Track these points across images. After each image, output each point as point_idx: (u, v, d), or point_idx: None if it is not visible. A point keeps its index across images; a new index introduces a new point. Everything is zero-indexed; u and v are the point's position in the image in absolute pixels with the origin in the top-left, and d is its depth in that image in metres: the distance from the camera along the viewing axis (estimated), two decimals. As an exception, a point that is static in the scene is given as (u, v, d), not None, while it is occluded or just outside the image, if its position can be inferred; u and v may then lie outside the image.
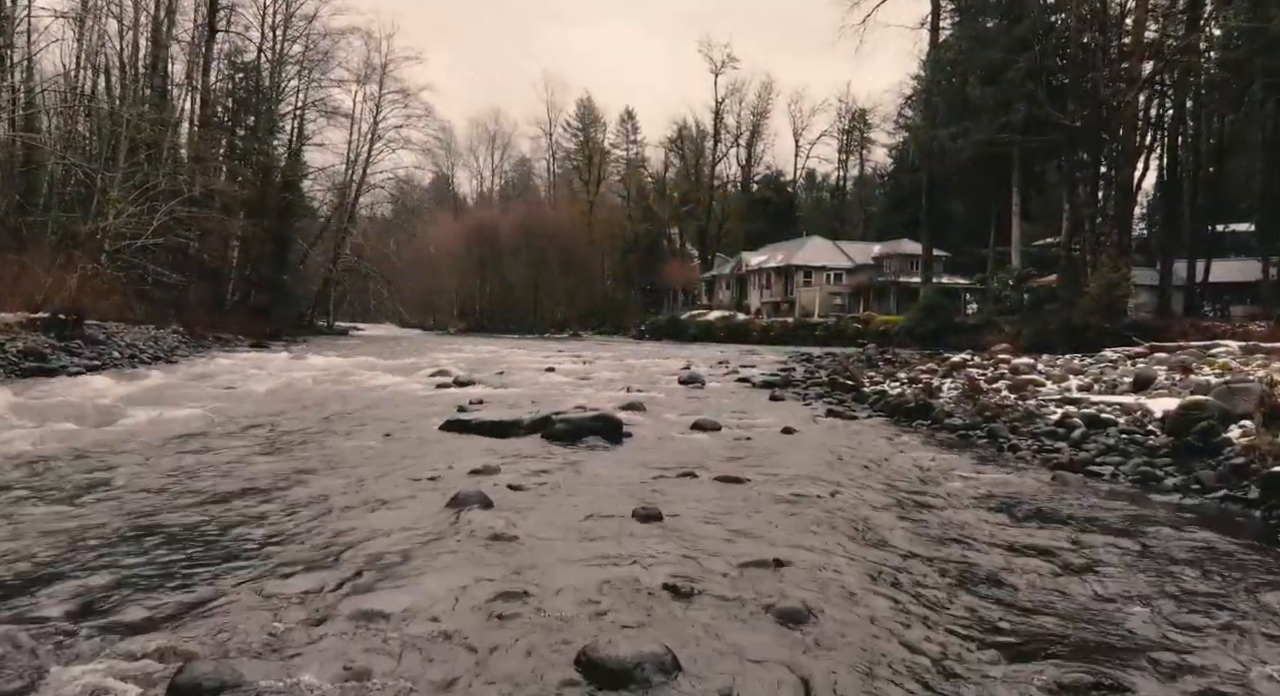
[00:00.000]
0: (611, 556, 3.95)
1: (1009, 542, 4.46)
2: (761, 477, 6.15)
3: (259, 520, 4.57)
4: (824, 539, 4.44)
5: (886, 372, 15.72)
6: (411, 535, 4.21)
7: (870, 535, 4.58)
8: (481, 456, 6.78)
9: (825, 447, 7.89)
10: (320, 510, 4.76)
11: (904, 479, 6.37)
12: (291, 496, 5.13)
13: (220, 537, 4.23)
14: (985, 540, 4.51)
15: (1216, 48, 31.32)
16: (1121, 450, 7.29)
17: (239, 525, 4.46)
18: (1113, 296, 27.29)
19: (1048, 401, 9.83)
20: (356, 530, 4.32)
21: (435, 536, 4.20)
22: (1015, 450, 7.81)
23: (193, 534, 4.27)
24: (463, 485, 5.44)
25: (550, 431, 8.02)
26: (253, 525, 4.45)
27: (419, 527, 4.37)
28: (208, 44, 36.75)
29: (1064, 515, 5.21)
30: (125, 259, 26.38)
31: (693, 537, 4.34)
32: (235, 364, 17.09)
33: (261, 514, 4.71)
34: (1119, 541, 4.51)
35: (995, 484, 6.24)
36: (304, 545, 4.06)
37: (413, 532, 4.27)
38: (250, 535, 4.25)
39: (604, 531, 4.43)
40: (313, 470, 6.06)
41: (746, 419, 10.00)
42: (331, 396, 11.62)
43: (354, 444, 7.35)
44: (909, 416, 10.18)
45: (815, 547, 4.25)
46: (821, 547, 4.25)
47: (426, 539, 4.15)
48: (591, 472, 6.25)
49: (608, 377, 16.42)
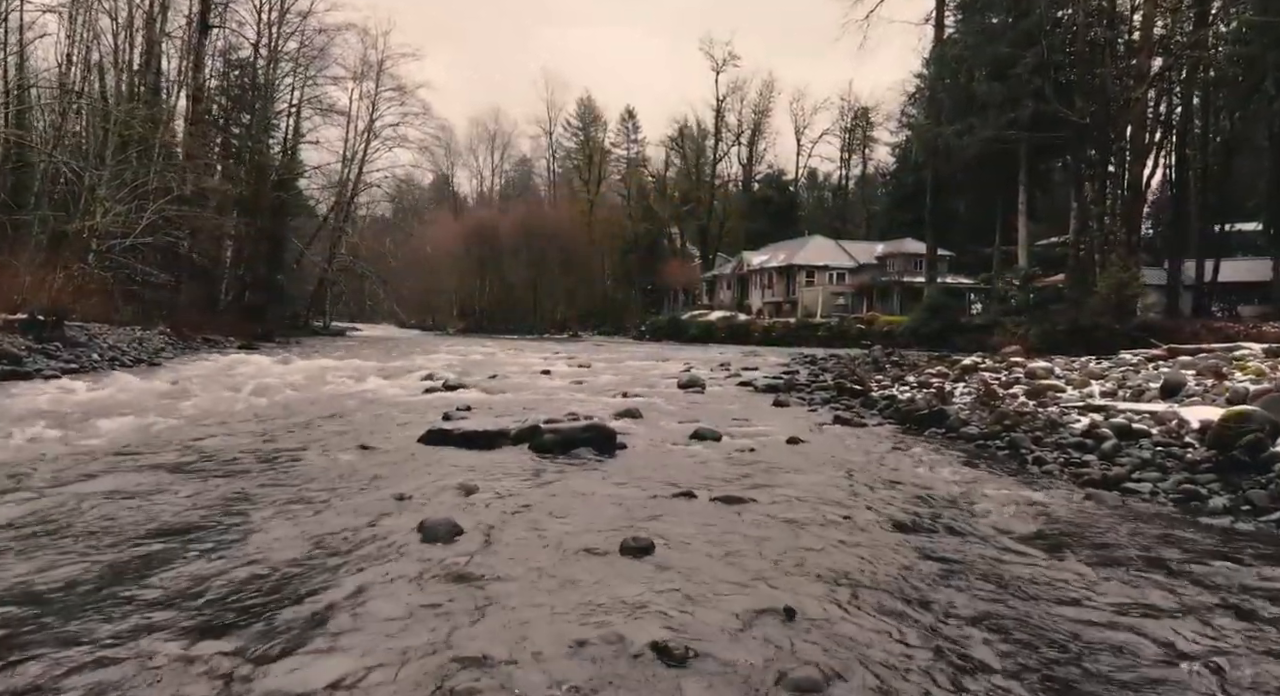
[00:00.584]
0: (594, 604, 3.36)
1: (1054, 582, 3.87)
2: (766, 497, 5.56)
3: (171, 564, 3.77)
4: (839, 577, 3.86)
5: (894, 376, 15.13)
6: (361, 578, 3.62)
7: (892, 573, 3.99)
8: (460, 473, 6.20)
9: (834, 460, 7.30)
10: (256, 548, 4.08)
11: (924, 498, 5.78)
12: (225, 530, 4.41)
13: (113, 588, 3.42)
14: (1026, 579, 3.93)
15: (1227, 43, 30.67)
16: (1158, 465, 6.69)
17: (143, 572, 3.65)
18: (1122, 296, 26.72)
19: (1070, 409, 9.23)
20: (295, 574, 3.70)
21: (389, 580, 3.61)
22: (1040, 463, 7.21)
23: (76, 585, 3.46)
24: (433, 510, 4.86)
25: (538, 443, 7.44)
26: (160, 572, 3.65)
27: (373, 568, 3.77)
28: (199, 40, 36.14)
29: (1109, 545, 4.62)
30: (113, 258, 25.79)
31: (689, 577, 3.75)
32: (219, 367, 16.49)
33: (178, 555, 3.91)
34: (1179, 584, 3.92)
35: (1025, 504, 5.65)
36: (221, 596, 3.36)
37: (364, 575, 3.67)
38: (157, 584, 3.48)
39: (587, 569, 3.84)
40: (261, 495, 5.35)
41: (749, 427, 9.41)
42: (309, 403, 11.02)
43: (320, 459, 6.75)
44: (921, 424, 9.59)
45: (830, 590, 3.66)
46: (837, 589, 3.66)
47: (378, 583, 3.56)
48: (579, 492, 5.66)
49: (605, 381, 15.83)
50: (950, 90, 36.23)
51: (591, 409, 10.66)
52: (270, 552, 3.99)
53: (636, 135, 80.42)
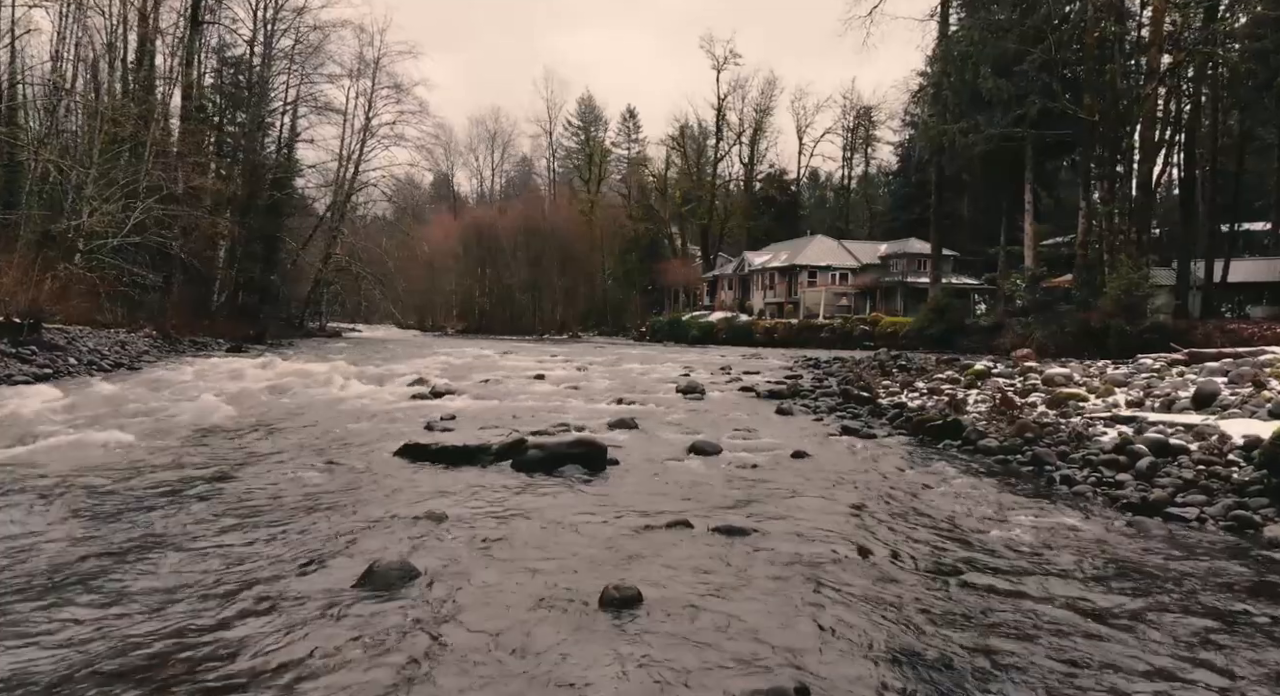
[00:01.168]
0: (562, 682, 2.75)
1: (1112, 639, 3.26)
2: (771, 527, 4.95)
3: (35, 625, 3.11)
4: (860, 640, 3.24)
5: (903, 381, 14.49)
6: (282, 647, 2.99)
7: (925, 636, 3.37)
8: (431, 497, 5.60)
9: (845, 479, 6.68)
10: (161, 601, 3.41)
11: (949, 528, 5.16)
12: (134, 575, 3.73)
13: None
14: (1079, 632, 3.31)
15: (1239, 39, 29.99)
16: (1202, 486, 6.07)
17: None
18: (1133, 298, 26.03)
19: (1095, 419, 8.61)
20: (202, 641, 3.06)
21: (315, 649, 2.98)
22: (1070, 483, 6.59)
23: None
24: (388, 547, 4.24)
25: (522, 460, 6.83)
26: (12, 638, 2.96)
27: (300, 630, 3.15)
28: (190, 35, 35.52)
29: (1166, 586, 4.01)
30: (100, 259, 25.17)
31: (680, 642, 3.13)
32: (199, 371, 15.87)
33: (54, 612, 3.22)
34: (1259, 643, 3.30)
35: (1062, 534, 5.04)
36: (89, 673, 2.76)
37: (287, 640, 3.05)
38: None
39: (558, 631, 3.22)
40: (179, 531, 4.59)
41: (751, 439, 8.80)
42: (284, 412, 10.40)
43: (279, 478, 6.13)
44: (935, 436, 8.96)
45: (849, 658, 3.04)
46: (857, 659, 3.05)
47: (302, 653, 2.94)
48: (561, 521, 5.04)
49: (601, 386, 15.21)
50: (955, 87, 35.49)
51: (584, 418, 10.07)
52: (174, 610, 3.37)
53: (637, 134, 79.87)
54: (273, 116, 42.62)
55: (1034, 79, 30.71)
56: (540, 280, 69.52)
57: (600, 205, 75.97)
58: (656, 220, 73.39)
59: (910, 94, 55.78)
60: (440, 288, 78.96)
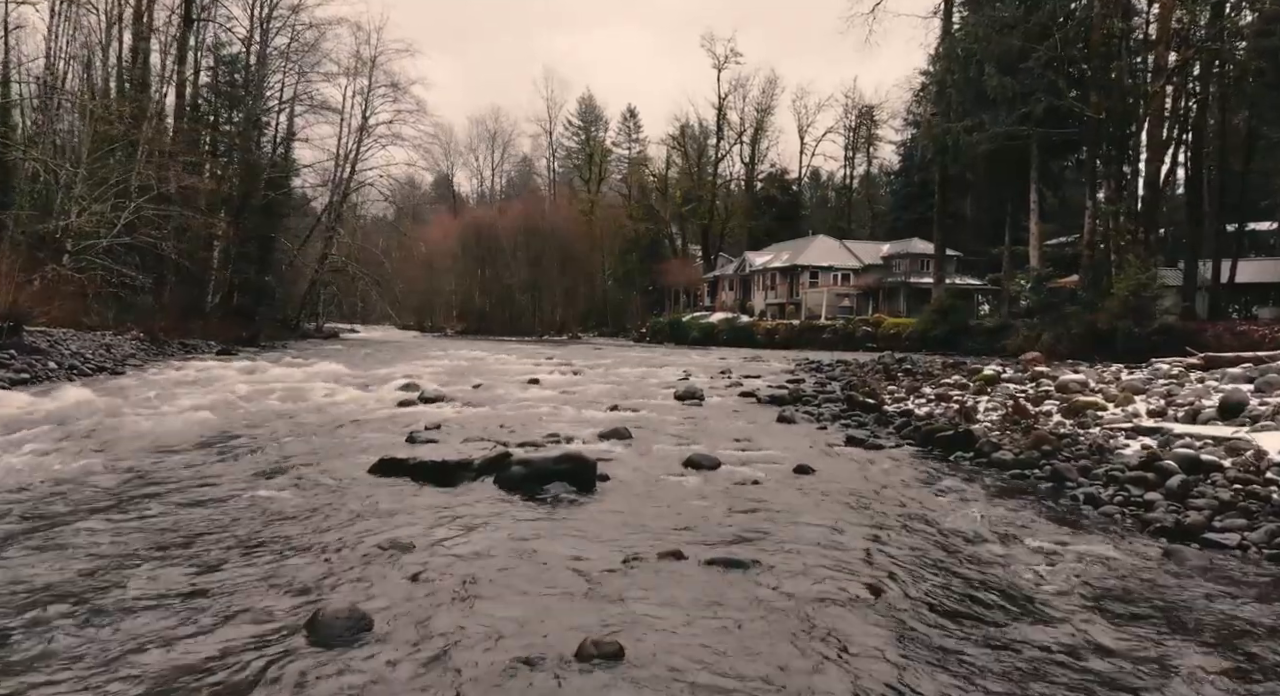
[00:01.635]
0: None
1: None
2: (772, 558, 4.47)
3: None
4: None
5: (909, 386, 14.00)
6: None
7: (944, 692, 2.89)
8: (401, 521, 5.13)
9: (851, 498, 6.21)
10: (55, 667, 2.94)
11: (969, 558, 4.68)
12: (37, 622, 3.29)
13: None
14: (1124, 688, 2.84)
15: (1247, 36, 29.48)
16: (1240, 508, 5.59)
17: None
18: (1141, 299, 25.53)
19: (1116, 430, 8.13)
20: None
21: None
22: (1095, 503, 6.12)
23: None
24: (340, 585, 3.77)
25: (505, 477, 6.35)
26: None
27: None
28: (184, 33, 35.03)
29: (1217, 629, 3.54)
30: (89, 259, 24.70)
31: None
32: (183, 375, 15.40)
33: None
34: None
35: (1092, 564, 4.56)
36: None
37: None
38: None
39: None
40: (127, 557, 4.13)
41: (751, 450, 8.33)
42: (261, 419, 9.92)
43: (238, 496, 5.65)
44: (946, 447, 8.48)
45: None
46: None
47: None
48: (542, 551, 4.57)
49: (596, 391, 14.74)
50: (959, 85, 34.98)
51: (576, 427, 9.61)
52: (65, 678, 2.90)
53: (638, 134, 79.40)
54: (268, 115, 42.11)
55: (1039, 77, 30.20)
56: (540, 280, 69.01)
57: (600, 205, 75.50)
58: (657, 220, 72.92)
59: (913, 92, 55.37)
60: (440, 288, 78.46)
